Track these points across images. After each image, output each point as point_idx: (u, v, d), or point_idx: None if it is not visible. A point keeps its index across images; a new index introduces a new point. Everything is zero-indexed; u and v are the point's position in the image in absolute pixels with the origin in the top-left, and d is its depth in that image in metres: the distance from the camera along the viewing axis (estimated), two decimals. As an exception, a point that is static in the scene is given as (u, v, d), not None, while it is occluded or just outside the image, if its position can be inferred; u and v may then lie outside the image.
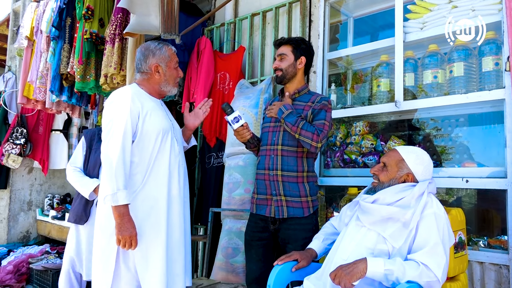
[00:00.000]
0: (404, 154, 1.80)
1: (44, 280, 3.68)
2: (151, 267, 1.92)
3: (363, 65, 3.11)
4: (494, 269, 2.11)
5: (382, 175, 1.81)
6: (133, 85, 2.13)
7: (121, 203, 1.84)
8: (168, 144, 2.06)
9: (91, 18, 3.44)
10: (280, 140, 2.19)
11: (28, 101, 4.53)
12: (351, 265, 1.57)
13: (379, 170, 1.83)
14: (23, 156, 4.81)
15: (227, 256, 2.78)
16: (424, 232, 1.62)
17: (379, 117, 2.84)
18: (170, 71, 2.15)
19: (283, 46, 2.28)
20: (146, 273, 1.92)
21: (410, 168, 1.77)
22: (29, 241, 5.03)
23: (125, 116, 1.94)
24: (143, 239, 1.93)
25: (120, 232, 1.84)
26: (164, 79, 2.14)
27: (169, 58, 2.14)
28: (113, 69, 3.26)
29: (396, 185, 1.76)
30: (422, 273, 1.53)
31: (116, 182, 1.84)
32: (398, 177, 1.78)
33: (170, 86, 2.16)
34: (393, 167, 1.79)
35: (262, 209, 2.20)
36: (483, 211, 2.47)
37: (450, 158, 2.49)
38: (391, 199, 1.71)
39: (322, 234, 2.02)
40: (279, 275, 1.85)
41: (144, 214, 1.96)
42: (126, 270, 1.93)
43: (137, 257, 1.93)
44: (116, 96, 2.02)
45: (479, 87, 2.31)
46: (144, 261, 1.93)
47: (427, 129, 2.69)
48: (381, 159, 1.86)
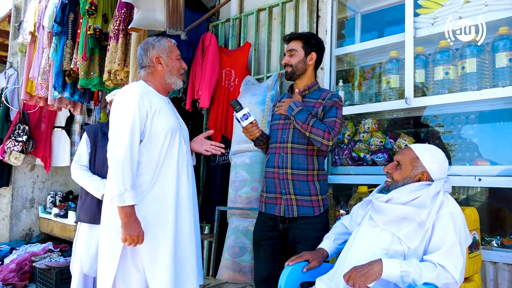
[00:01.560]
0: (419, 152, 1.75)
1: (47, 279, 3.65)
2: (159, 269, 1.88)
3: (371, 61, 3.06)
4: (508, 269, 2.07)
5: (396, 174, 1.77)
6: (140, 82, 2.09)
7: (128, 203, 1.80)
8: (176, 143, 2.02)
9: (95, 14, 3.39)
10: (290, 138, 2.14)
11: (30, 98, 4.49)
12: (366, 267, 1.53)
13: (393, 168, 1.79)
14: (25, 153, 4.78)
15: (234, 255, 2.74)
16: (440, 232, 1.57)
17: (388, 114, 2.80)
18: (172, 62, 2.10)
19: (293, 41, 2.23)
20: (154, 274, 1.88)
21: (425, 167, 1.72)
22: (31, 239, 5.00)
23: (133, 115, 1.89)
24: (151, 240, 1.89)
25: (127, 231, 1.81)
26: (167, 70, 2.09)
27: (169, 49, 2.10)
28: (117, 65, 3.21)
29: (411, 184, 1.72)
30: (440, 275, 1.49)
31: (123, 182, 1.80)
32: (413, 175, 1.73)
33: (174, 77, 2.11)
34: (408, 166, 1.75)
35: (272, 208, 2.16)
36: (496, 210, 2.43)
37: (462, 156, 2.44)
38: (406, 198, 1.66)
39: (333, 234, 1.98)
40: (290, 276, 1.82)
41: (153, 215, 1.92)
42: (136, 271, 1.89)
43: (145, 258, 1.89)
44: (125, 94, 1.97)
45: (492, 84, 2.27)
46: (152, 262, 1.89)
47: (437, 126, 2.65)
48: (395, 157, 1.82)
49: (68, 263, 3.68)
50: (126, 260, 1.90)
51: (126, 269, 1.90)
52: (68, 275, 3.61)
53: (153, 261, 1.89)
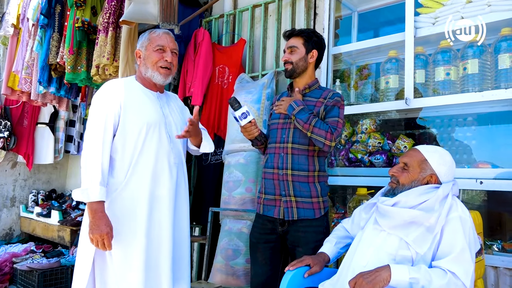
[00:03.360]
0: (427, 154, 1.70)
1: (29, 281, 3.50)
2: (130, 273, 1.79)
3: (368, 60, 3.02)
4: (509, 274, 2.04)
5: (402, 177, 1.70)
6: (129, 77, 2.03)
7: (92, 199, 1.73)
8: (154, 140, 1.91)
9: (83, 6, 3.27)
10: (290, 138, 2.07)
11: (12, 92, 4.32)
12: (373, 273, 1.47)
13: (399, 171, 1.73)
14: (6, 150, 4.62)
15: (227, 258, 2.65)
16: (449, 237, 1.52)
17: (387, 115, 2.75)
18: (148, 54, 1.98)
19: (293, 38, 2.15)
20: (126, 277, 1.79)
21: (433, 169, 1.67)
22: (12, 239, 4.82)
23: (105, 109, 1.83)
24: (121, 242, 1.80)
25: (91, 231, 1.73)
26: (143, 63, 1.99)
27: (148, 41, 2.00)
28: (106, 59, 3.10)
29: (418, 187, 1.66)
30: (450, 282, 1.43)
31: (89, 177, 1.74)
32: (421, 178, 1.67)
33: (150, 70, 1.97)
34: (415, 168, 1.69)
35: (270, 210, 2.08)
36: (497, 214, 2.40)
37: (461, 158, 2.41)
38: (413, 202, 1.61)
39: (334, 237, 1.92)
40: (291, 281, 1.74)
41: (124, 216, 1.83)
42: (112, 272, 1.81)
43: (116, 261, 1.80)
44: (103, 88, 1.91)
45: (494, 85, 2.24)
46: (123, 265, 1.80)
47: (436, 128, 2.61)
48: (401, 160, 1.76)
49: (52, 265, 3.54)
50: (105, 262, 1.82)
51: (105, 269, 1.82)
52: (51, 277, 3.48)
53: (125, 263, 1.80)
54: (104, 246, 1.73)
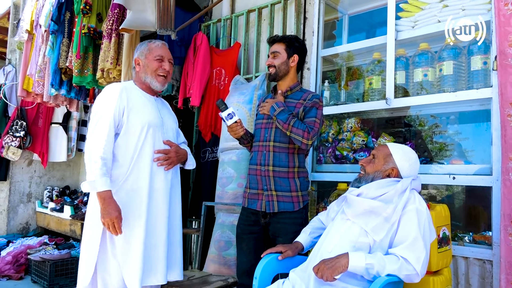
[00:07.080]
0: (393, 149, 1.86)
1: (42, 271, 3.75)
2: (131, 255, 2.00)
3: (357, 62, 3.15)
4: (478, 264, 2.16)
5: (368, 167, 1.87)
6: (129, 81, 2.26)
7: (100, 189, 1.93)
8: (153, 138, 2.13)
9: (89, 13, 3.48)
10: (272, 136, 2.24)
11: (28, 94, 4.59)
12: (334, 260, 1.62)
13: (367, 161, 1.90)
14: (22, 148, 4.88)
15: (219, 249, 2.84)
16: (405, 227, 1.66)
17: (371, 114, 2.88)
18: (148, 62, 2.22)
19: (276, 43, 2.32)
20: (127, 260, 2.00)
21: (396, 163, 1.83)
22: (28, 233, 5.11)
23: (109, 110, 2.04)
24: (125, 227, 2.00)
25: (102, 215, 1.94)
26: (143, 71, 2.22)
27: (148, 51, 2.24)
28: (110, 64, 3.30)
29: (380, 179, 1.81)
30: (402, 267, 1.58)
31: (95, 170, 1.94)
32: (383, 170, 1.83)
33: (149, 77, 2.21)
34: (380, 160, 1.85)
35: (254, 203, 2.26)
36: (470, 208, 2.52)
37: (438, 154, 2.53)
38: (374, 194, 1.76)
39: (309, 228, 2.08)
40: (266, 267, 1.91)
41: (127, 205, 2.03)
42: (113, 259, 2.01)
43: (118, 245, 2.01)
44: (105, 91, 2.14)
45: (467, 86, 2.35)
46: (125, 248, 2.01)
47: (418, 126, 2.73)
48: (372, 152, 1.93)
49: (62, 256, 3.79)
50: (106, 249, 2.02)
51: (105, 257, 2.01)
52: (62, 267, 3.72)
53: (126, 247, 2.00)
54: (115, 229, 1.94)
